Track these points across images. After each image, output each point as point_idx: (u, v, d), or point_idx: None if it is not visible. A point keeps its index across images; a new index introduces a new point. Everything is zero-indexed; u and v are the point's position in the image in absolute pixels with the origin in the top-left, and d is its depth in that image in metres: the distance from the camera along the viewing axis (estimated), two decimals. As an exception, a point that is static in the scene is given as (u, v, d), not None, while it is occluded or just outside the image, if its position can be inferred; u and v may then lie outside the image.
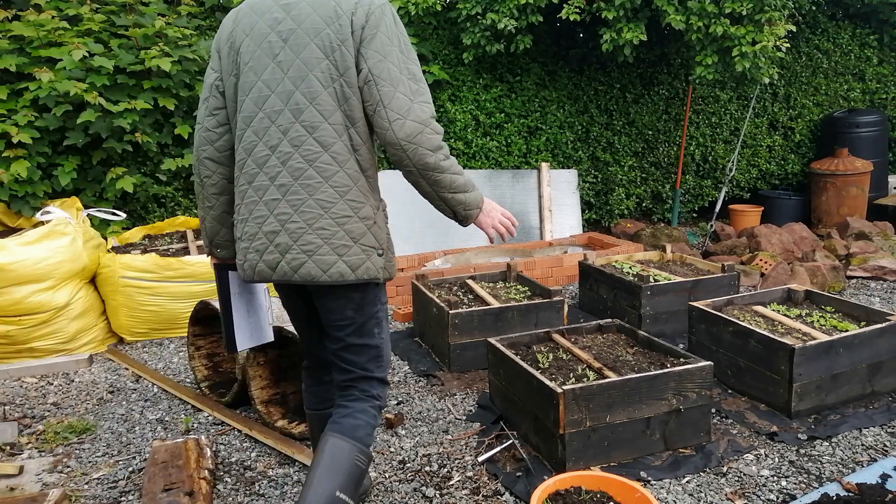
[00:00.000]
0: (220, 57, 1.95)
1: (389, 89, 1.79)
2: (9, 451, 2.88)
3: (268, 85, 1.85)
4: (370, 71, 1.79)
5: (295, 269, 1.85)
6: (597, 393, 2.51)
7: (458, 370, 3.57)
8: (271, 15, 1.86)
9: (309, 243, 1.84)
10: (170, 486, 2.40)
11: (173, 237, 4.69)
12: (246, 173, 1.92)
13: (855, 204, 6.56)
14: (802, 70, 7.23)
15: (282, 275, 1.87)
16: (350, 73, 1.81)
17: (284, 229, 1.85)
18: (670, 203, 6.80)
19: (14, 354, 3.79)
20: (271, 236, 1.87)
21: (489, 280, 4.30)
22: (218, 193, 2.05)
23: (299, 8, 1.83)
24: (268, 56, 1.85)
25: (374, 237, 1.91)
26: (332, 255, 1.84)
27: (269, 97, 1.85)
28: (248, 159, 1.90)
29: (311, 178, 1.84)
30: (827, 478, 2.50)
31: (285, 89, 1.84)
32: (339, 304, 1.93)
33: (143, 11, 4.78)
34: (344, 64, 1.81)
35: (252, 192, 1.90)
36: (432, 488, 2.51)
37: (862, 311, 3.32)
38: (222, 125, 1.98)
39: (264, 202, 1.88)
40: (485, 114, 5.88)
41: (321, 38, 1.81)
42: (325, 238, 1.84)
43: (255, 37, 1.87)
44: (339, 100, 1.83)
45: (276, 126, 1.85)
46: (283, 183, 1.85)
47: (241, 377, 3.07)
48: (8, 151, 4.08)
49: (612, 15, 4.98)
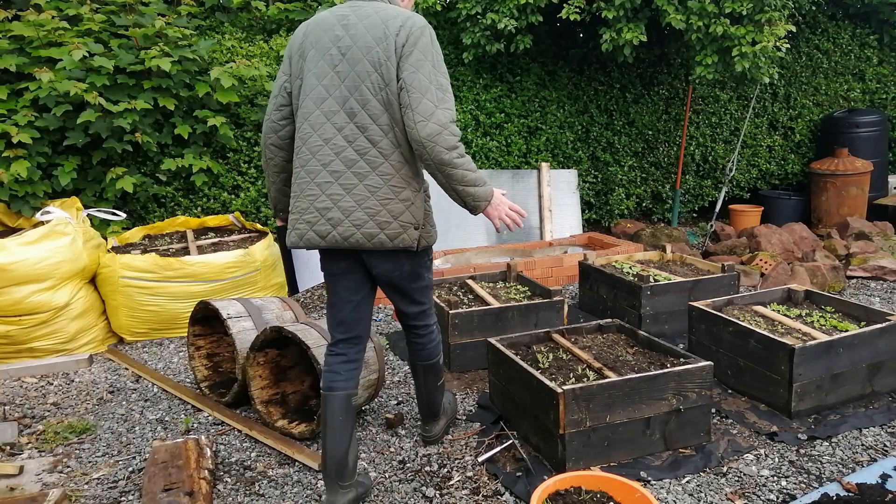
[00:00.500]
0: (291, 63, 2.37)
1: (418, 96, 2.18)
2: (9, 451, 2.88)
3: (326, 89, 2.27)
4: (405, 80, 2.19)
5: (346, 238, 2.27)
6: (597, 393, 2.51)
7: (458, 370, 3.57)
8: (333, 32, 2.28)
9: (358, 219, 2.26)
10: (170, 486, 2.40)
11: (173, 237, 4.69)
12: (300, 158, 2.32)
13: (855, 204, 6.56)
14: (802, 70, 7.23)
15: (332, 242, 2.28)
16: (393, 83, 2.22)
17: (337, 207, 2.26)
18: (670, 203, 6.80)
19: (14, 354, 3.79)
20: (324, 212, 2.27)
21: (489, 280, 4.30)
22: (278, 171, 2.49)
23: (356, 29, 2.26)
24: (328, 66, 2.27)
25: (411, 215, 2.31)
26: (375, 229, 2.27)
27: (326, 99, 2.27)
28: (303, 147, 2.31)
29: (362, 167, 2.26)
30: (827, 478, 2.50)
31: (341, 95, 2.25)
32: (394, 261, 2.38)
33: (143, 11, 4.78)
34: (389, 76, 2.21)
35: (304, 174, 2.31)
36: (432, 488, 2.51)
37: (862, 311, 3.32)
38: (286, 118, 2.40)
39: (316, 183, 2.28)
40: (485, 114, 5.88)
41: (372, 56, 2.23)
42: (371, 215, 2.26)
43: (319, 49, 2.29)
44: (385, 105, 2.24)
45: (331, 123, 2.26)
46: (336, 169, 2.27)
47: (241, 377, 3.07)
48: (8, 151, 4.08)
49: (612, 15, 4.97)
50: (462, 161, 2.23)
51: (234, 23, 5.78)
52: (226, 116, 4.88)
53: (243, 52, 5.30)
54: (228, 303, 3.26)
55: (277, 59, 5.25)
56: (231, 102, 4.89)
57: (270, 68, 5.10)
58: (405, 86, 2.19)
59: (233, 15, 5.83)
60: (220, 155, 5.03)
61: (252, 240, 4.59)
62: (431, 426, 2.83)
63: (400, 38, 2.21)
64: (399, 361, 3.76)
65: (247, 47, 5.39)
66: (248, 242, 4.52)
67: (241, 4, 5.68)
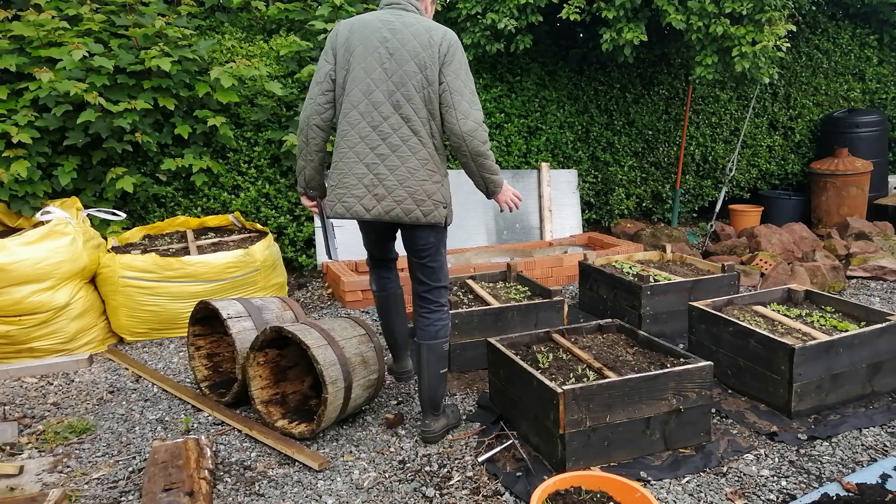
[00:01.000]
0: (336, 55, 2.68)
1: (458, 98, 2.60)
2: (9, 451, 2.88)
3: (374, 83, 2.62)
4: (447, 83, 2.59)
5: (388, 211, 2.64)
6: (597, 393, 2.51)
7: (458, 370, 3.57)
8: (380, 34, 2.62)
9: (399, 196, 2.63)
10: (170, 486, 2.40)
11: (173, 237, 4.69)
12: (348, 140, 2.65)
13: (855, 204, 6.56)
14: (802, 70, 7.23)
15: (376, 215, 2.65)
16: (435, 84, 2.60)
17: (382, 185, 2.63)
18: (670, 203, 6.80)
19: (14, 354, 3.79)
20: (371, 188, 2.63)
21: (489, 280, 4.30)
22: (318, 151, 2.77)
23: (403, 34, 2.62)
24: (377, 62, 2.61)
25: (441, 195, 2.72)
26: (412, 205, 2.65)
27: (373, 91, 2.62)
28: (351, 131, 2.65)
29: (404, 152, 2.63)
30: (827, 478, 2.50)
31: (388, 88, 2.61)
32: (423, 235, 2.76)
33: (143, 11, 4.78)
34: (432, 77, 2.60)
35: (353, 154, 2.65)
36: (432, 488, 2.51)
37: (862, 311, 3.32)
38: (329, 102, 2.70)
39: (364, 163, 2.64)
40: (485, 114, 5.88)
41: (418, 59, 2.59)
42: (410, 193, 2.64)
43: (367, 46, 2.62)
44: (426, 101, 2.62)
45: (378, 112, 2.62)
46: (383, 153, 2.63)
47: (241, 377, 3.07)
48: (8, 151, 4.08)
49: (612, 15, 4.97)
50: (490, 154, 2.70)
51: (234, 23, 5.78)
52: (226, 116, 4.88)
53: (243, 52, 5.30)
54: (228, 303, 3.26)
55: (277, 59, 5.25)
56: (231, 102, 4.89)
57: (270, 68, 5.10)
58: (448, 88, 2.59)
59: (233, 15, 5.83)
60: (220, 155, 5.03)
61: (252, 240, 4.59)
62: (431, 422, 2.84)
63: (443, 48, 2.60)
64: (399, 361, 3.76)
65: (247, 47, 5.39)
66: (248, 242, 4.52)
67: (241, 4, 5.68)
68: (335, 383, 2.76)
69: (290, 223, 5.14)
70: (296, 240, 5.18)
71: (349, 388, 2.83)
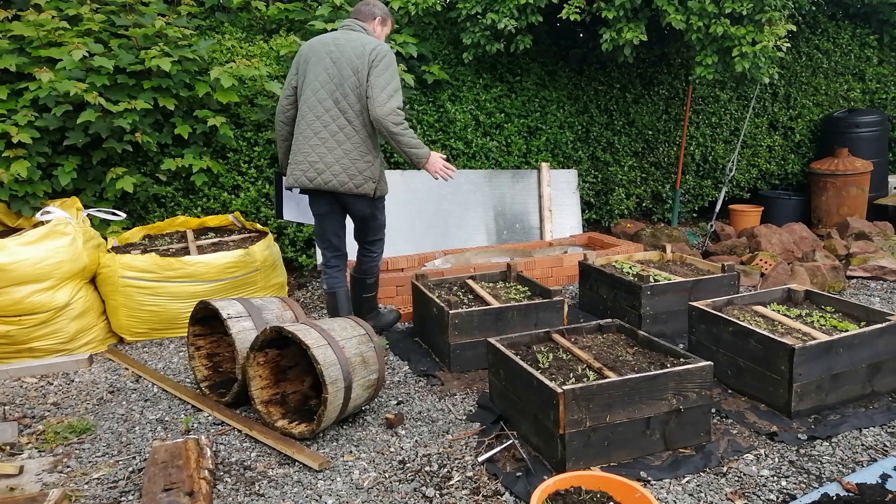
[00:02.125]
0: (298, 68, 3.60)
1: (378, 91, 3.40)
2: (9, 451, 2.88)
3: (320, 84, 3.49)
4: (371, 82, 3.42)
5: (326, 182, 3.49)
6: (597, 393, 2.51)
7: (458, 370, 3.57)
8: (328, 48, 3.51)
9: (335, 171, 3.49)
10: (170, 486, 2.40)
11: (173, 237, 4.69)
12: (299, 128, 3.56)
13: (855, 204, 6.56)
14: (802, 70, 7.22)
15: (317, 185, 3.50)
16: (363, 84, 3.43)
17: (322, 161, 3.48)
18: (670, 203, 6.80)
19: (14, 354, 3.79)
20: (313, 164, 3.49)
21: (489, 280, 4.30)
22: (283, 140, 3.76)
23: (345, 47, 3.48)
24: (323, 69, 3.49)
25: (371, 172, 3.55)
26: (346, 179, 3.50)
27: (319, 90, 3.49)
28: (301, 121, 3.55)
29: (341, 137, 3.48)
30: (827, 478, 2.50)
31: (330, 88, 3.48)
32: (358, 203, 3.62)
33: (143, 11, 4.77)
34: (362, 79, 3.43)
35: (302, 139, 3.53)
36: (432, 488, 2.51)
37: (862, 311, 3.32)
38: (291, 105, 3.65)
39: (310, 145, 3.50)
40: (485, 114, 5.87)
41: (353, 65, 3.44)
42: (344, 168, 3.49)
43: (318, 57, 3.51)
44: (359, 98, 3.46)
45: (321, 106, 3.48)
46: (324, 137, 3.48)
47: (241, 377, 3.07)
48: (8, 151, 4.08)
49: (612, 15, 4.97)
50: (405, 132, 3.44)
51: (234, 23, 5.78)
52: (226, 116, 4.87)
53: (243, 52, 5.30)
54: (228, 303, 3.26)
55: (277, 59, 5.25)
56: (231, 102, 4.89)
57: (270, 68, 5.10)
58: (371, 84, 3.40)
59: (233, 15, 5.82)
60: (220, 155, 5.02)
61: (252, 240, 4.59)
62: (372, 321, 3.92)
63: (372, 56, 3.42)
64: (399, 361, 3.77)
65: (247, 47, 5.38)
66: (248, 242, 4.52)
67: (241, 4, 5.68)
68: (335, 383, 2.76)
69: (290, 223, 5.14)
70: (296, 240, 5.18)
71: (349, 388, 2.84)
